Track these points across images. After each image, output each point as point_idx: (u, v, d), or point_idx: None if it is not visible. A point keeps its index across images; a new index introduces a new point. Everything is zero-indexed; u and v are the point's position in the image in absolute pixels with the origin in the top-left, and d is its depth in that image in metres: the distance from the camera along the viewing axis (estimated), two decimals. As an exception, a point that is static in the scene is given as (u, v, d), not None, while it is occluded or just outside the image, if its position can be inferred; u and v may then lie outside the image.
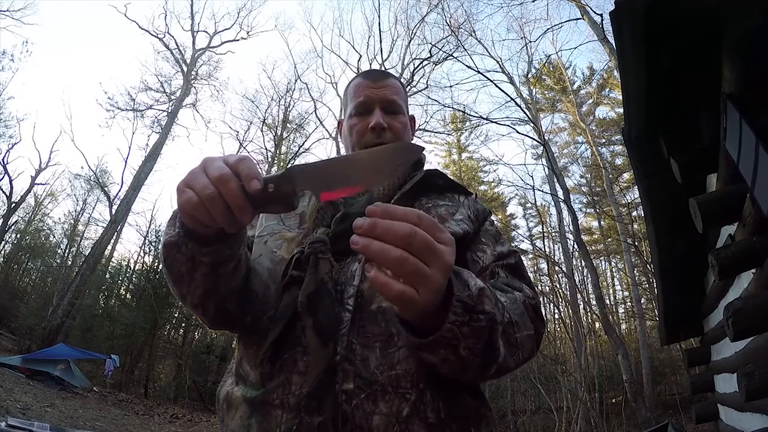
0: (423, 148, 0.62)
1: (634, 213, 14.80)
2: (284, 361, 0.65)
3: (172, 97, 19.51)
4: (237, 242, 0.64)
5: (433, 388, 0.63)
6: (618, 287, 20.95)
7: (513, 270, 0.80)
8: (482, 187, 20.80)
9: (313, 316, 0.63)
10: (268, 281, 0.73)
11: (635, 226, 13.72)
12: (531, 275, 0.89)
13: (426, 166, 0.95)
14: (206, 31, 20.73)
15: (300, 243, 0.74)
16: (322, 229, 0.73)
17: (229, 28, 21.04)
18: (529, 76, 18.10)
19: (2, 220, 17.58)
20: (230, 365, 0.78)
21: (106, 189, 18.29)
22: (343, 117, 0.98)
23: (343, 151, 1.01)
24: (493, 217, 0.92)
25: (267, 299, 0.71)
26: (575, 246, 12.82)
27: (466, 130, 20.45)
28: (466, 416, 0.66)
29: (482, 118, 13.28)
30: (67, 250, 24.29)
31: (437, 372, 0.60)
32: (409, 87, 16.13)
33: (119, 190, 17.63)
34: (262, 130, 20.04)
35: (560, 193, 12.25)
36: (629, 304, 18.51)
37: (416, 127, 1.05)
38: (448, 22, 14.52)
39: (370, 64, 16.66)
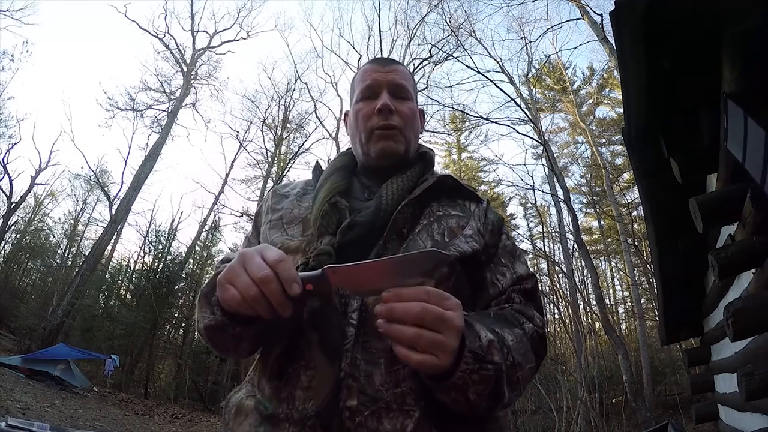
0: (453, 257, 0.64)
1: (634, 213, 14.80)
2: (288, 376, 0.65)
3: (172, 97, 19.51)
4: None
5: (437, 408, 0.63)
6: (618, 287, 20.97)
7: (528, 295, 0.79)
8: (482, 187, 20.80)
9: (319, 333, 0.63)
10: None
11: (635, 226, 13.72)
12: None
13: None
14: (206, 31, 20.75)
15: (304, 251, 0.73)
16: (327, 239, 0.71)
17: (229, 28, 21.05)
18: (529, 76, 18.09)
19: (2, 220, 17.58)
20: (248, 375, 0.77)
21: (106, 189, 18.28)
22: (349, 108, 0.93)
23: (342, 147, 0.99)
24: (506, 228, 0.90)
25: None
26: (575, 246, 12.82)
27: (466, 130, 20.46)
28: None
29: (482, 118, 13.27)
30: (67, 250, 24.31)
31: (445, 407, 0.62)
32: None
33: (119, 190, 17.63)
34: (262, 130, 20.03)
35: (560, 193, 12.25)
36: (629, 304, 18.53)
37: (425, 121, 1.02)
38: (448, 22, 14.53)
39: (370, 64, 16.62)
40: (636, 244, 13.34)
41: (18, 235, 22.45)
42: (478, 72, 12.70)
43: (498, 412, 0.67)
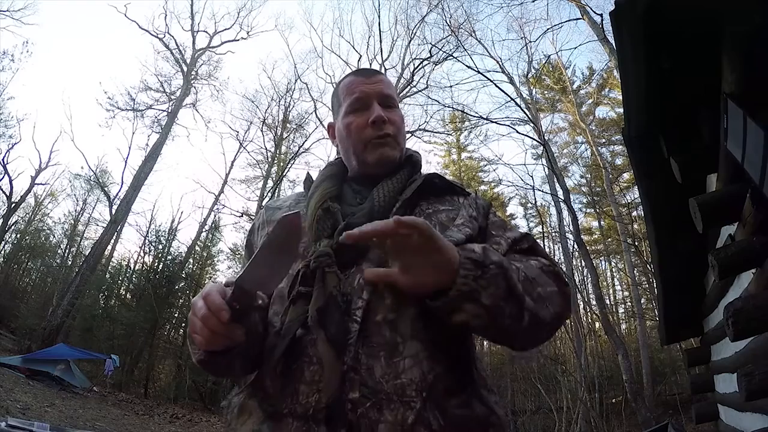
0: (299, 212, 0.67)
1: (634, 213, 14.82)
2: (292, 372, 0.66)
3: (172, 97, 19.51)
4: (250, 326, 0.69)
5: (438, 397, 0.64)
6: (618, 287, 20.96)
7: (529, 252, 0.81)
8: (482, 187, 20.79)
9: (325, 329, 0.65)
10: (274, 299, 0.76)
11: (635, 226, 13.72)
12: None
13: (426, 167, 0.95)
14: (206, 31, 20.74)
15: (303, 256, 0.74)
16: (325, 241, 0.73)
17: (229, 28, 21.02)
18: (529, 76, 18.10)
19: (2, 220, 17.57)
20: (247, 377, 0.78)
21: (106, 189, 18.28)
22: (334, 119, 0.94)
23: (335, 154, 1.00)
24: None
25: (256, 328, 0.73)
26: (575, 246, 12.83)
27: (465, 130, 20.48)
28: (472, 423, 0.66)
29: (482, 118, 13.28)
30: (67, 250, 24.29)
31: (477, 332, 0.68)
32: (409, 87, 16.12)
33: (119, 190, 17.62)
34: (262, 130, 20.02)
35: (560, 193, 12.25)
36: (629, 304, 18.52)
37: (409, 124, 1.07)
38: (448, 22, 14.52)
39: (370, 64, 16.64)
40: (636, 244, 13.34)
41: (18, 235, 22.44)
42: (478, 72, 12.72)
43: (528, 328, 0.66)
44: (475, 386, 0.70)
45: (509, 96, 12.89)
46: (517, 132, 12.78)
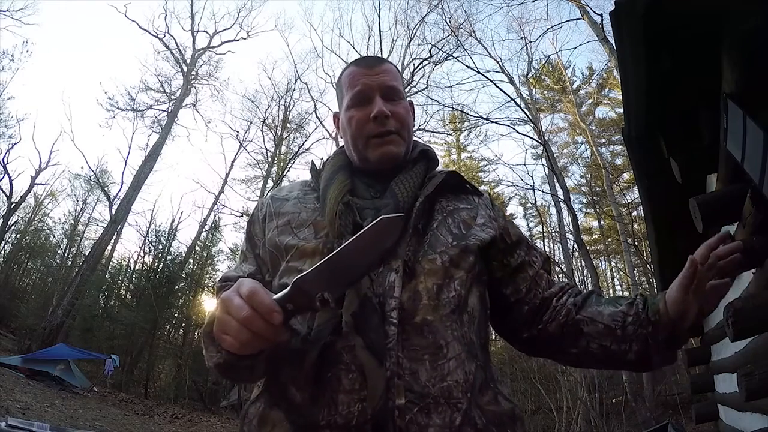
0: (401, 217, 0.66)
1: (634, 213, 14.80)
2: (328, 381, 0.63)
3: (172, 97, 19.51)
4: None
5: (477, 396, 0.64)
6: (618, 287, 20.94)
7: (549, 273, 0.87)
8: (482, 187, 20.60)
9: (363, 335, 0.62)
10: None
11: (635, 226, 13.71)
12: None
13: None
14: (206, 31, 20.73)
15: (322, 253, 0.72)
16: (347, 238, 0.69)
17: (229, 28, 21.01)
18: (529, 76, 18.09)
19: (2, 220, 17.57)
20: (261, 384, 0.75)
21: (106, 189, 18.27)
22: (338, 110, 0.92)
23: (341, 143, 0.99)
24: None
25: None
26: (575, 246, 12.83)
27: (465, 130, 20.46)
28: (504, 418, 0.68)
29: (482, 118, 13.28)
30: (67, 250, 24.28)
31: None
32: (409, 87, 16.11)
33: (119, 190, 17.62)
34: (262, 130, 20.02)
35: (560, 193, 12.25)
36: (629, 304, 18.45)
37: (416, 115, 1.02)
38: (448, 22, 14.52)
39: (371, 64, 16.59)
40: (636, 244, 13.33)
41: (18, 235, 22.43)
42: (478, 72, 12.73)
43: None
44: (495, 382, 0.72)
45: (509, 96, 12.91)
46: (517, 132, 12.80)
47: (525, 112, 13.13)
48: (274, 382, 0.71)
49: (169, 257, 17.30)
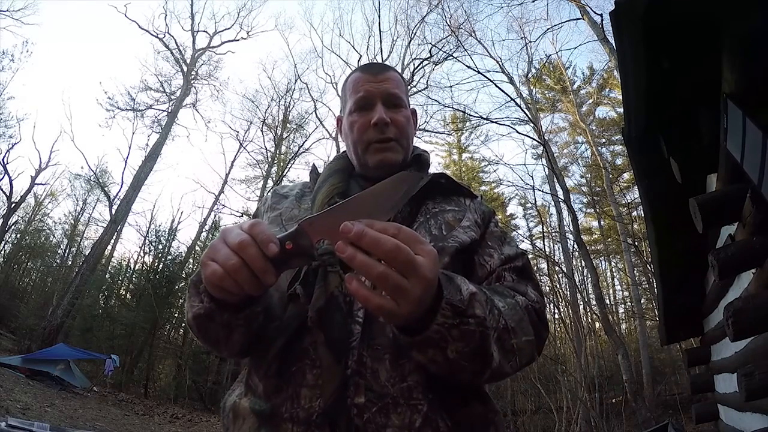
0: (422, 176, 0.64)
1: (634, 213, 14.79)
2: (292, 374, 0.64)
3: (172, 97, 19.52)
4: (265, 299, 0.64)
5: (442, 398, 0.63)
6: (618, 287, 20.96)
7: (520, 272, 0.79)
8: (483, 188, 20.79)
9: (325, 332, 0.63)
10: (272, 290, 0.71)
11: (635, 226, 13.71)
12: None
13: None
14: (206, 31, 20.74)
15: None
16: None
17: (229, 28, 21.04)
18: (529, 76, 18.10)
19: (2, 220, 17.57)
20: (241, 375, 0.77)
21: (106, 189, 18.27)
22: (342, 113, 0.93)
23: (342, 147, 0.99)
24: (497, 217, 0.92)
25: (272, 308, 0.69)
26: (575, 246, 12.83)
27: (466, 130, 20.48)
28: (474, 423, 0.66)
29: (482, 118, 13.29)
30: (67, 250, 24.30)
31: (434, 375, 0.60)
32: (409, 87, 16.04)
33: (119, 190, 17.63)
34: (262, 130, 20.04)
35: (560, 193, 12.24)
36: (629, 304, 18.51)
37: (418, 121, 1.02)
38: (448, 22, 14.51)
39: (370, 64, 16.58)
40: (636, 244, 13.33)
41: (18, 235, 22.43)
42: (478, 72, 12.72)
43: (486, 380, 0.63)
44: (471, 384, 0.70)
45: (509, 96, 12.90)
46: (517, 132, 12.80)
47: (525, 112, 13.13)
48: (249, 370, 0.71)
49: (169, 257, 17.30)
